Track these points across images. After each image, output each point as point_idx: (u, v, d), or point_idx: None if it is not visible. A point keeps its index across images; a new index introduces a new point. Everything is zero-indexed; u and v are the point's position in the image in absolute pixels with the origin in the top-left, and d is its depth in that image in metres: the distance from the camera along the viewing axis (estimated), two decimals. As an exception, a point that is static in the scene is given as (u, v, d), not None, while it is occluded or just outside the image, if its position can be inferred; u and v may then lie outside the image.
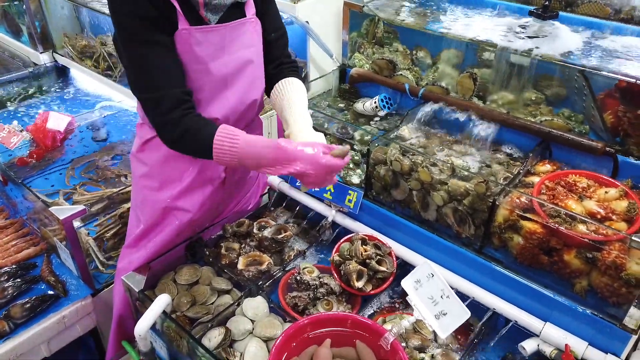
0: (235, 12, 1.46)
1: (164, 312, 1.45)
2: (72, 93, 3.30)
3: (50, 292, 1.92)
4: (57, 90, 3.34)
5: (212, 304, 1.59)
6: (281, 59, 1.63)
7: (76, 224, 1.86)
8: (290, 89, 1.57)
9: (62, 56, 3.26)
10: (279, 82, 1.59)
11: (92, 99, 3.21)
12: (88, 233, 2.05)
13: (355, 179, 1.84)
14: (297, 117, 1.48)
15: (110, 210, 2.09)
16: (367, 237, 1.70)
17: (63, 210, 1.83)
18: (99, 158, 2.58)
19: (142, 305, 1.57)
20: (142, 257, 1.68)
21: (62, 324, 1.88)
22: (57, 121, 2.64)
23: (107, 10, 2.67)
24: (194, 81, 1.44)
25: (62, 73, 3.44)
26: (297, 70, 1.65)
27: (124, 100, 3.03)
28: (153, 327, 1.49)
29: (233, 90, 1.52)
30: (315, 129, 1.50)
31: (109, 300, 1.88)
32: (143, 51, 1.32)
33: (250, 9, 1.51)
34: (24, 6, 3.16)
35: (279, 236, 1.77)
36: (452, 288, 1.53)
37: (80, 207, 1.86)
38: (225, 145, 1.34)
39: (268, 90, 1.65)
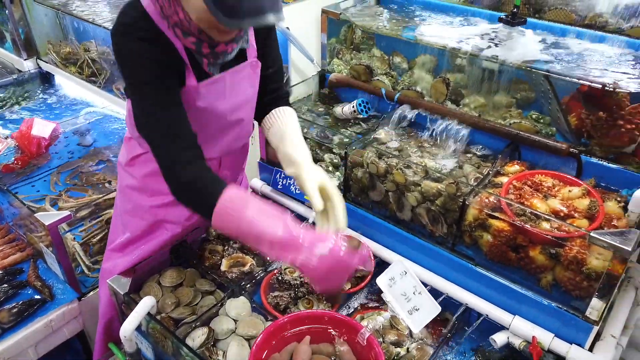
0: (236, 57, 1.42)
1: (148, 313, 1.50)
2: (56, 99, 3.32)
3: (37, 297, 1.95)
4: (42, 96, 3.35)
5: (196, 304, 1.63)
6: (278, 91, 1.61)
7: (62, 229, 1.89)
8: (286, 121, 1.53)
9: (46, 63, 3.28)
10: (273, 111, 1.56)
11: (76, 105, 3.23)
12: (74, 238, 2.08)
13: (335, 182, 1.89)
14: (299, 153, 1.40)
15: (96, 216, 2.13)
16: (346, 237, 1.75)
17: (49, 216, 1.86)
18: (84, 164, 2.61)
19: (127, 308, 1.61)
20: (127, 262, 1.70)
21: (49, 327, 1.91)
22: (42, 128, 2.68)
23: (89, 17, 2.71)
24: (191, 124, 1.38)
25: (46, 79, 3.45)
26: (288, 98, 1.64)
27: (109, 106, 3.06)
28: (139, 329, 1.53)
29: (228, 132, 1.54)
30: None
31: (96, 303, 1.92)
32: (153, 94, 1.28)
33: (252, 52, 1.49)
34: (7, 13, 3.18)
35: (261, 238, 1.82)
36: (427, 285, 1.60)
37: (65, 213, 1.89)
38: (229, 214, 1.20)
39: (259, 116, 1.61)
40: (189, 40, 1.25)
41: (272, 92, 1.59)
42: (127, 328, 1.46)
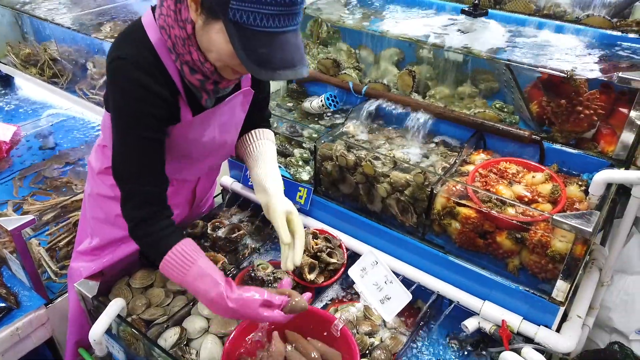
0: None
1: (119, 315, 1.47)
2: (17, 102, 3.22)
3: (2, 305, 1.89)
4: (1, 99, 3.25)
5: (167, 305, 1.61)
6: (262, 113, 1.62)
7: (26, 234, 1.83)
8: (263, 143, 1.54)
9: (5, 65, 3.18)
10: (253, 131, 1.57)
11: (38, 108, 3.14)
12: (39, 243, 2.02)
13: (305, 176, 1.89)
14: (271, 183, 1.45)
15: (61, 220, 2.08)
16: (318, 231, 1.76)
17: (11, 221, 1.80)
18: (47, 167, 2.54)
19: (97, 312, 1.58)
20: (97, 265, 1.66)
21: (15, 336, 1.85)
22: (2, 131, 2.60)
23: (49, 17, 2.63)
24: (179, 151, 1.40)
25: (6, 82, 3.36)
26: (269, 120, 1.66)
27: (72, 107, 2.99)
28: (109, 332, 1.50)
29: (211, 154, 1.54)
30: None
31: (65, 309, 1.87)
32: (139, 144, 1.26)
33: (246, 81, 1.46)
34: (-38, 14, 3.07)
35: (233, 235, 1.81)
36: (399, 275, 1.61)
37: (29, 217, 1.83)
38: (174, 268, 1.29)
39: (240, 134, 1.60)
40: (194, 77, 1.24)
41: (257, 115, 1.59)
42: (97, 331, 1.43)
